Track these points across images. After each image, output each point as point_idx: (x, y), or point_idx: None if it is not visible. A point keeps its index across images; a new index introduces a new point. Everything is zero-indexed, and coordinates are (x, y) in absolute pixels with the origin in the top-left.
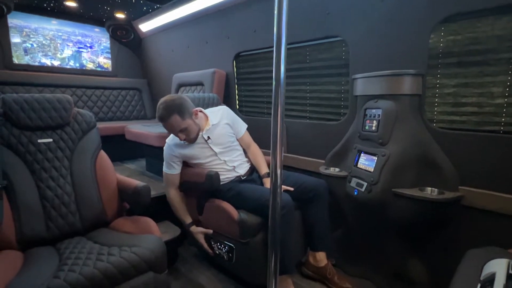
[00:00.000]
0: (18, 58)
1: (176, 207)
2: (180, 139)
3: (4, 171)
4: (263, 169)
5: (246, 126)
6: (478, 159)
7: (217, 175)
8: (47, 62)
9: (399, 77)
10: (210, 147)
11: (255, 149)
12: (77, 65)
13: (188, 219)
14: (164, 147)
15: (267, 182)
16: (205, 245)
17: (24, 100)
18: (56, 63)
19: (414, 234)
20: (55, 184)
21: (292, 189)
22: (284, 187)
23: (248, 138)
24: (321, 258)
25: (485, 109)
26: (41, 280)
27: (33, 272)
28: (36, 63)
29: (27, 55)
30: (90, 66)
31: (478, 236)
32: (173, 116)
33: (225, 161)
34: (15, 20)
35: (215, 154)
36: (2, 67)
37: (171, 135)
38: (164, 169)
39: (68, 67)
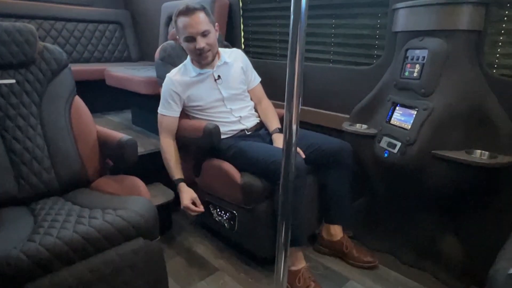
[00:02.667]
0: None
1: (167, 158)
2: (199, 45)
3: None
4: (274, 124)
5: (260, 79)
6: None
7: (217, 129)
8: None
9: (455, 7)
10: (219, 89)
11: (267, 104)
12: None
13: (178, 174)
14: (163, 83)
15: (278, 139)
16: (189, 206)
17: None
18: None
19: (454, 206)
20: (23, 136)
21: (302, 154)
22: None
23: (261, 91)
24: (336, 231)
25: None
26: (13, 243)
27: (4, 235)
28: None
29: None
30: None
31: None
32: (200, 12)
33: (231, 109)
34: None
35: (222, 99)
36: None
37: (174, 69)
38: (160, 109)
39: None
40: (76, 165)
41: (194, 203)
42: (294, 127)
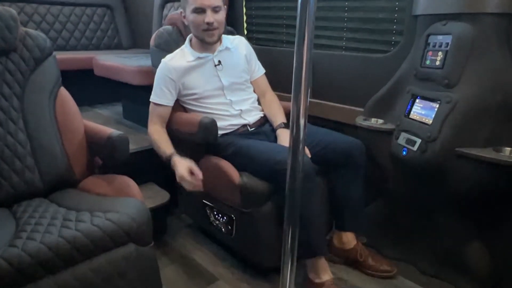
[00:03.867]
0: None
1: (156, 138)
2: (208, 19)
3: None
4: (279, 118)
5: (264, 70)
6: None
7: (213, 123)
8: None
9: None
10: (218, 76)
11: (271, 96)
12: None
13: (169, 149)
14: (158, 68)
15: (283, 135)
16: (185, 176)
17: None
18: None
19: (480, 209)
20: (3, 131)
21: (308, 153)
22: None
23: (265, 83)
24: (349, 239)
25: None
26: None
27: None
28: None
29: None
30: None
31: None
32: None
33: (231, 101)
34: None
35: (222, 87)
36: None
37: (170, 54)
38: (152, 97)
39: None
40: (61, 163)
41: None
42: (302, 121)
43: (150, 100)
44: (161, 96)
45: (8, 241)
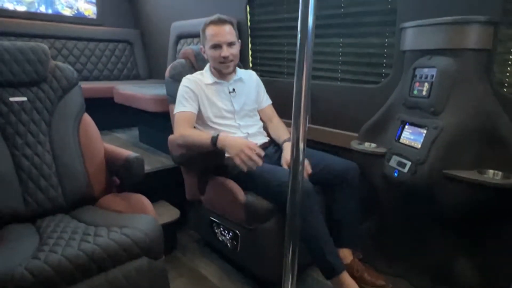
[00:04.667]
0: None
1: (190, 133)
2: (224, 53)
3: None
4: (285, 135)
5: (271, 101)
6: None
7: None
8: (10, 6)
9: (462, 26)
10: (231, 101)
11: (278, 121)
12: (50, 11)
13: (208, 135)
14: (180, 85)
15: (288, 148)
16: (250, 147)
17: None
18: (21, 8)
19: (468, 227)
20: (32, 152)
21: (309, 169)
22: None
23: (272, 111)
24: (346, 255)
25: None
26: (18, 260)
27: (9, 252)
28: None
29: None
30: (66, 13)
31: None
32: (229, 24)
33: (239, 124)
34: None
35: (233, 111)
36: None
37: (191, 75)
38: (178, 108)
39: (40, 12)
40: (82, 183)
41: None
42: (301, 145)
43: (175, 112)
44: (186, 104)
45: (32, 253)
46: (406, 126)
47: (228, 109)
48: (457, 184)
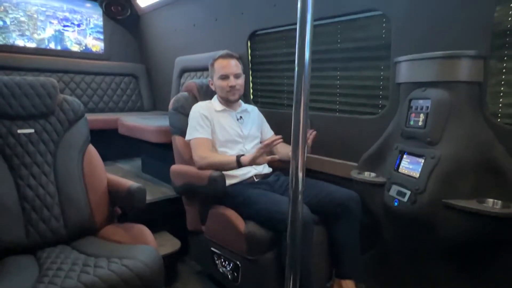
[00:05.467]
0: None
1: (213, 156)
2: (231, 83)
3: None
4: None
5: (273, 132)
6: None
7: (222, 177)
8: (20, 43)
9: (454, 60)
10: (240, 127)
11: (283, 143)
12: (59, 47)
13: (231, 157)
14: (191, 112)
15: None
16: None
17: (4, 84)
18: (31, 45)
19: (469, 257)
20: (36, 183)
21: (310, 140)
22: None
23: None
24: (349, 287)
25: None
26: None
27: (9, 284)
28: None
29: None
30: (75, 49)
31: None
32: (236, 59)
33: (246, 149)
34: None
35: (242, 136)
36: None
37: (201, 102)
38: (193, 135)
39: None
40: (85, 213)
41: None
42: (300, 174)
43: (191, 138)
44: (201, 130)
45: (31, 286)
46: (405, 156)
47: (237, 133)
48: (457, 213)
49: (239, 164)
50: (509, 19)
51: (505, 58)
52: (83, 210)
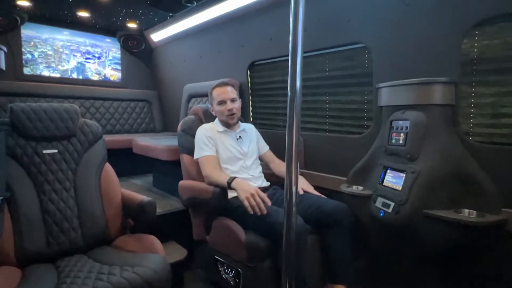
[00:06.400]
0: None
1: (212, 175)
2: (229, 107)
3: (7, 182)
4: None
5: (268, 147)
6: None
7: (224, 191)
8: (47, 73)
9: (428, 86)
10: (240, 146)
11: (280, 162)
12: (80, 77)
13: (226, 177)
14: (197, 134)
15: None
16: (255, 193)
17: (32, 109)
18: (56, 75)
19: (449, 262)
20: (57, 198)
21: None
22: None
23: (272, 154)
24: None
25: None
26: None
27: None
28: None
29: (26, 66)
30: (95, 78)
31: None
32: (230, 86)
33: (247, 166)
34: (27, 31)
35: (243, 153)
36: (13, 78)
37: (204, 125)
38: (200, 153)
39: (72, 77)
40: (101, 225)
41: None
42: (294, 188)
43: (199, 156)
44: (207, 149)
45: None
46: (388, 171)
47: (239, 150)
48: (436, 223)
49: (229, 186)
50: (475, 50)
51: (473, 83)
52: (99, 222)
